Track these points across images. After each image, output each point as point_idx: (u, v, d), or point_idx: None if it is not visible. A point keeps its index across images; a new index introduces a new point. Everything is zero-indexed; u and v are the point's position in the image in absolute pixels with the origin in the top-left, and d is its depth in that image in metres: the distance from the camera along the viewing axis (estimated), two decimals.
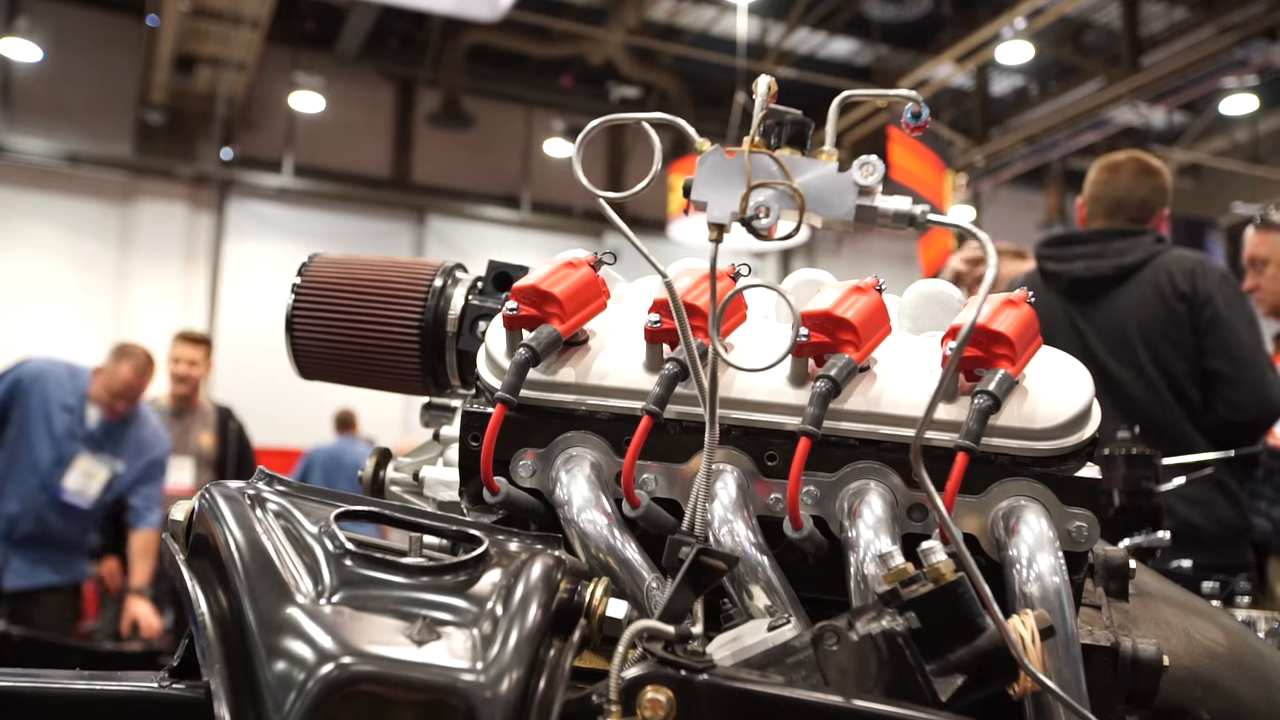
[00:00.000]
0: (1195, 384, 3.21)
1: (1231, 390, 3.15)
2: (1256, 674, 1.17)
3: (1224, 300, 3.19)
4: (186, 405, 5.89)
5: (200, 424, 5.85)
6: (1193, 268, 3.26)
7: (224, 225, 13.56)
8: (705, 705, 0.84)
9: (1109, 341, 3.25)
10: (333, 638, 0.78)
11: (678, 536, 0.97)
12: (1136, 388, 3.21)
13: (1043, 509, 1.07)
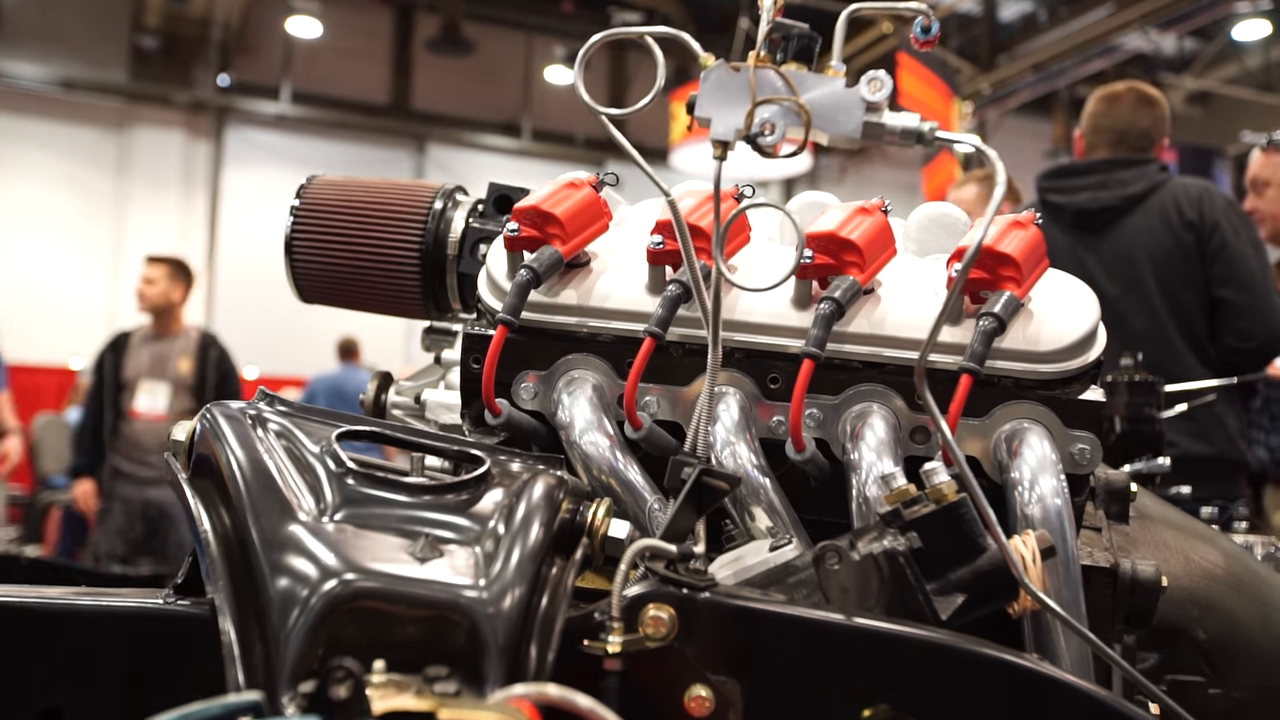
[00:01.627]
0: (1201, 314, 3.20)
1: (1240, 318, 3.15)
2: (1253, 595, 1.18)
3: (1231, 228, 3.18)
4: (162, 329, 5.88)
5: (179, 349, 5.84)
6: (1199, 195, 3.24)
7: (222, 153, 13.43)
8: (707, 623, 0.85)
9: (1114, 273, 3.24)
10: (335, 554, 0.79)
11: (680, 457, 0.97)
12: (1141, 319, 3.20)
13: (1045, 431, 1.06)
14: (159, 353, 5.84)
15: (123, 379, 5.73)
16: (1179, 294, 3.21)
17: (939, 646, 0.84)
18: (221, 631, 0.78)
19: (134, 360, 5.79)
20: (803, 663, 0.85)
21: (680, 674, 0.84)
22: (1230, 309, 3.16)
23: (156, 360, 5.79)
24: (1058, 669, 0.87)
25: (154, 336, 5.89)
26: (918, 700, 0.83)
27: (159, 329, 5.91)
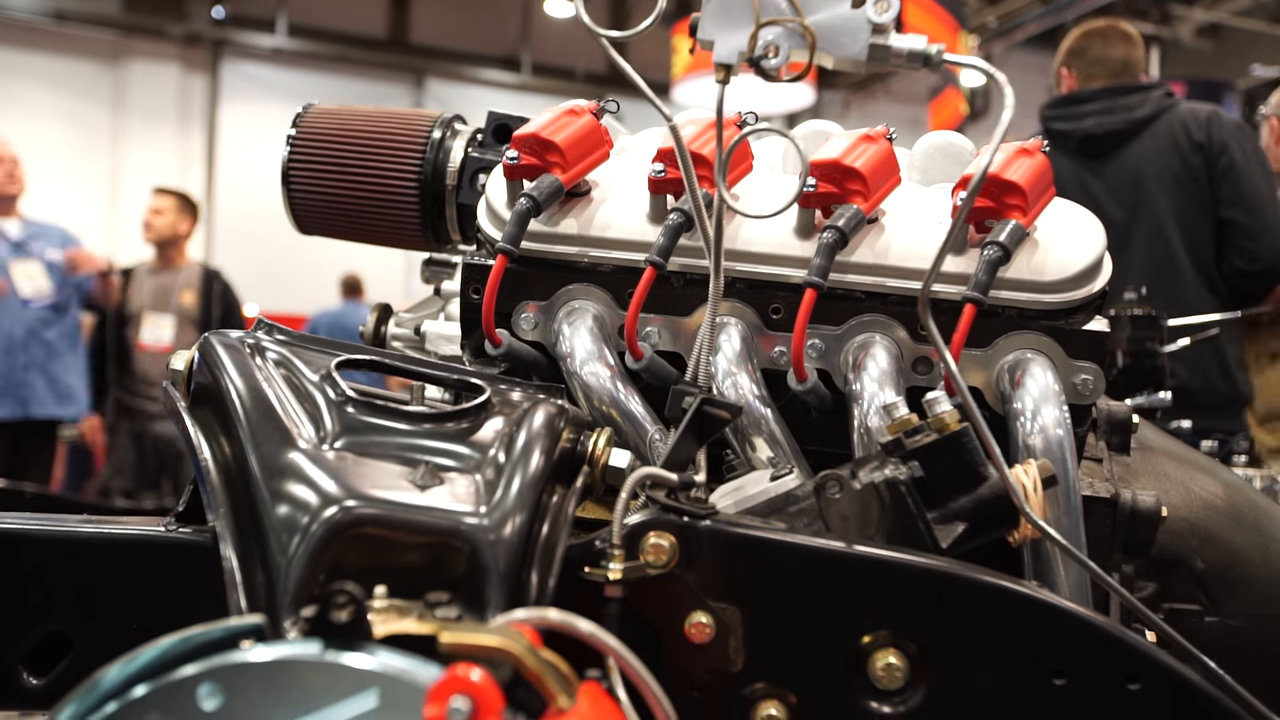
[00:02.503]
0: (1209, 237, 3.20)
1: (1247, 239, 3.15)
2: (1252, 526, 1.18)
3: (1240, 149, 3.17)
4: (166, 261, 5.89)
5: (183, 282, 5.85)
6: (1207, 118, 3.24)
7: (218, 87, 13.26)
8: (707, 551, 0.85)
9: (1121, 197, 3.24)
10: (335, 482, 0.78)
11: (681, 387, 0.97)
12: (1148, 244, 3.20)
13: (1049, 362, 1.06)
14: (163, 285, 5.84)
15: (127, 312, 5.75)
16: (1186, 217, 3.20)
17: (939, 574, 0.85)
18: (223, 558, 0.78)
19: (138, 293, 5.80)
20: (803, 590, 0.85)
21: (681, 601, 0.85)
22: (1237, 231, 3.15)
23: (160, 293, 5.80)
24: (1057, 596, 0.87)
25: (158, 269, 5.90)
26: (917, 627, 0.84)
27: (163, 261, 5.91)
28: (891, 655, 0.83)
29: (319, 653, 0.60)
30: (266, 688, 0.59)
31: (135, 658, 0.62)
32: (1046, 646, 0.83)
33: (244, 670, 0.60)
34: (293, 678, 0.60)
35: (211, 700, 0.59)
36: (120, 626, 0.75)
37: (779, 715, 0.84)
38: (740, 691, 0.85)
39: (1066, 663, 0.82)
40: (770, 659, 0.85)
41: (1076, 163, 3.31)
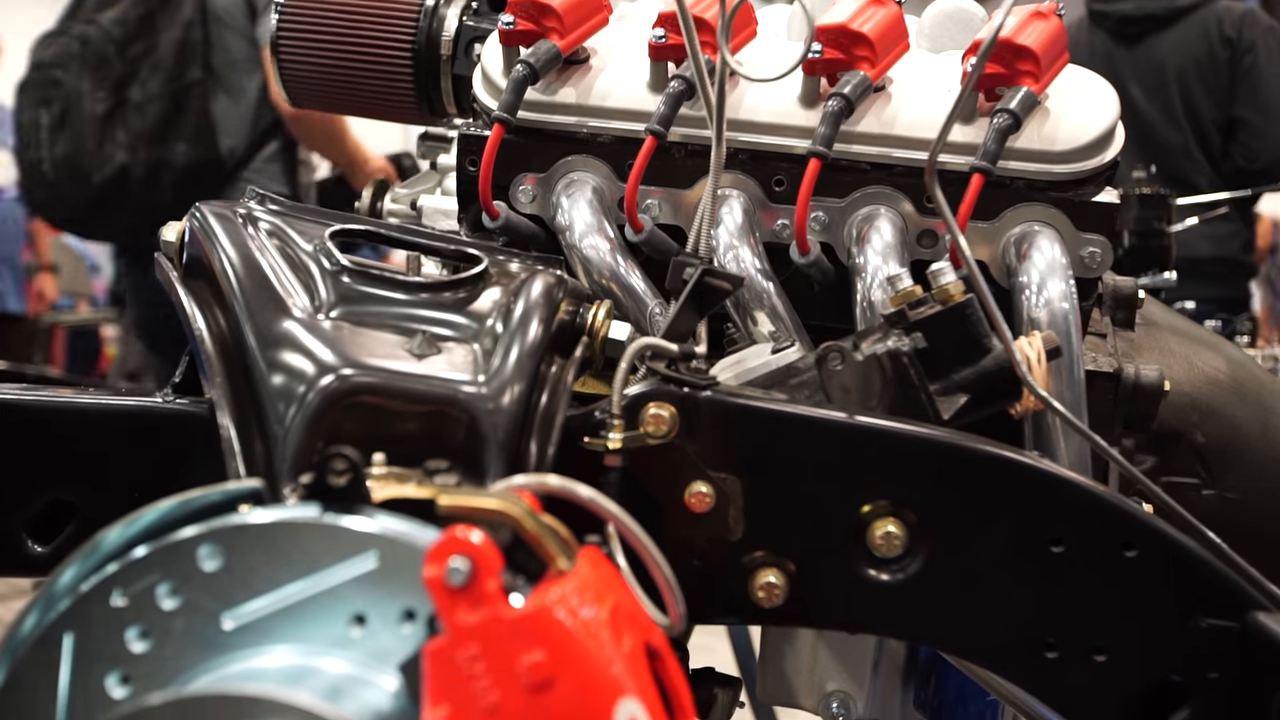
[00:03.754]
0: (1220, 131, 3.24)
1: (1252, 138, 3.26)
2: (1255, 401, 1.18)
3: (1266, 50, 3.24)
4: None
5: None
6: (1242, 15, 3.34)
7: None
8: (708, 421, 0.84)
9: (1145, 82, 3.28)
10: (331, 350, 0.77)
11: (682, 258, 0.95)
12: (1168, 130, 3.25)
13: (1056, 234, 1.04)
14: None
15: None
16: (1203, 109, 3.28)
17: (940, 444, 0.85)
18: (220, 427, 0.77)
19: None
20: (803, 460, 0.85)
21: (681, 471, 0.84)
22: (1244, 129, 3.25)
23: None
24: (1058, 466, 0.87)
25: None
26: (917, 496, 0.84)
27: None
28: (891, 524, 0.83)
29: (317, 516, 0.60)
30: (266, 549, 0.59)
31: (135, 520, 0.62)
32: (1045, 515, 0.83)
33: (243, 532, 0.60)
34: (292, 540, 0.60)
35: (211, 561, 0.59)
36: (120, 495, 0.76)
37: (778, 583, 0.85)
38: (739, 560, 0.85)
39: (1064, 531, 0.82)
40: (770, 528, 0.85)
41: (1110, 43, 3.34)
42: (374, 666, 0.59)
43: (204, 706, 0.54)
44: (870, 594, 0.85)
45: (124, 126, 3.32)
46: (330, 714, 0.54)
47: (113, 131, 3.31)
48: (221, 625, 0.59)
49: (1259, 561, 0.84)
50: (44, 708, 0.59)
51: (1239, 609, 0.80)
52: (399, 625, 0.59)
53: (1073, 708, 0.85)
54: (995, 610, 0.84)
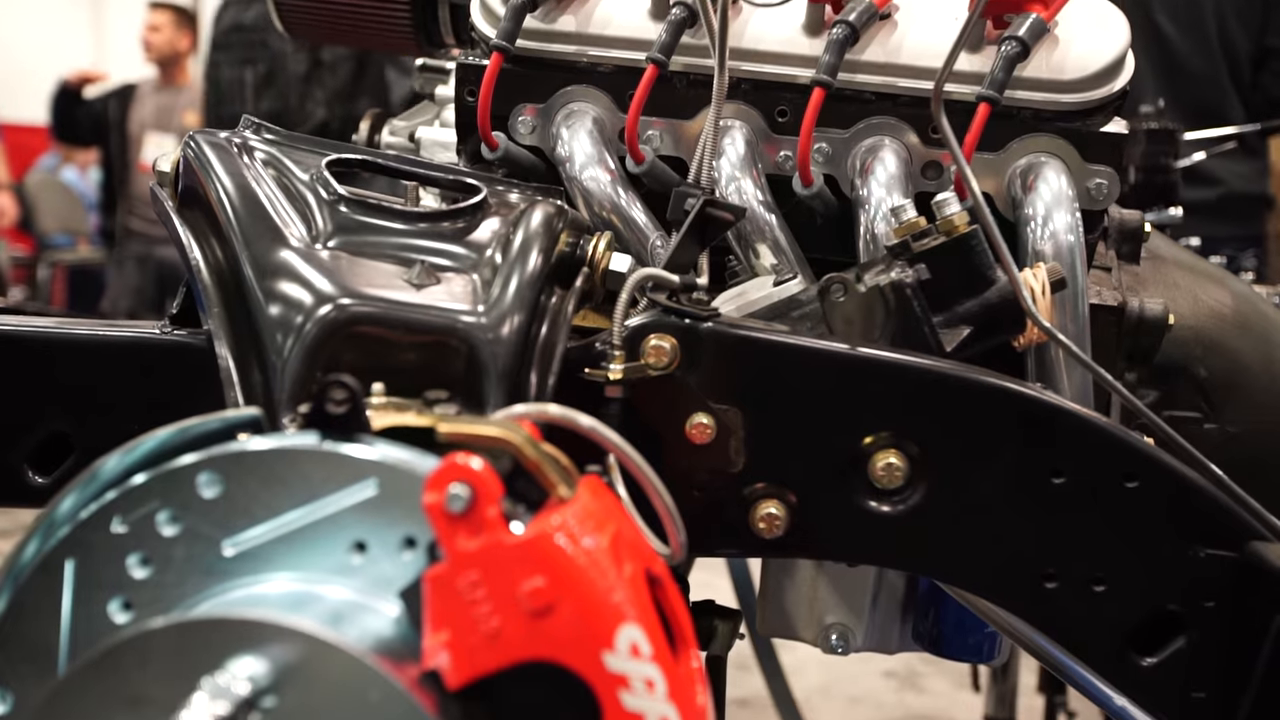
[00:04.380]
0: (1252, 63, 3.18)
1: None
2: (1260, 335, 1.17)
3: None
4: (168, 80, 5.78)
5: (185, 102, 5.74)
6: None
7: None
8: (709, 352, 0.84)
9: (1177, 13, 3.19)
10: (329, 280, 0.77)
11: (683, 188, 0.94)
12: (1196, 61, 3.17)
13: (1063, 166, 1.02)
14: (164, 105, 5.75)
15: (128, 133, 5.67)
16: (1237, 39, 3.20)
17: (942, 376, 0.84)
18: (219, 357, 0.77)
19: (139, 112, 5.71)
20: (804, 391, 0.85)
21: (681, 402, 0.84)
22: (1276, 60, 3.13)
23: (162, 112, 5.72)
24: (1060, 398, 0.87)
25: (160, 88, 5.79)
26: (919, 428, 0.84)
27: (165, 80, 5.80)
28: (892, 455, 0.83)
29: (316, 443, 0.60)
30: (265, 477, 0.59)
31: (134, 448, 0.62)
32: (1047, 447, 0.83)
33: (242, 459, 0.59)
34: (291, 467, 0.59)
35: (211, 489, 0.59)
36: (120, 427, 0.75)
37: (778, 514, 0.85)
38: (740, 491, 0.85)
39: (1065, 462, 0.82)
40: (771, 459, 0.85)
41: None
42: (375, 593, 0.59)
43: (206, 630, 0.54)
44: (871, 525, 0.85)
45: (320, 84, 3.59)
46: (332, 639, 0.54)
47: (312, 89, 3.59)
48: (222, 552, 0.59)
49: (1259, 495, 0.84)
50: (47, 633, 0.59)
51: (1238, 539, 0.80)
52: (399, 552, 0.59)
53: (1071, 637, 0.85)
54: (995, 541, 0.85)
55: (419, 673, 0.56)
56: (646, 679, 0.56)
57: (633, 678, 0.56)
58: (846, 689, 2.61)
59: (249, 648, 0.54)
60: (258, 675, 0.53)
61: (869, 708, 2.57)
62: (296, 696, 0.54)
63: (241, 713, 0.51)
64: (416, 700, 0.54)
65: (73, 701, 0.54)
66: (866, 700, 2.60)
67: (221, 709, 0.50)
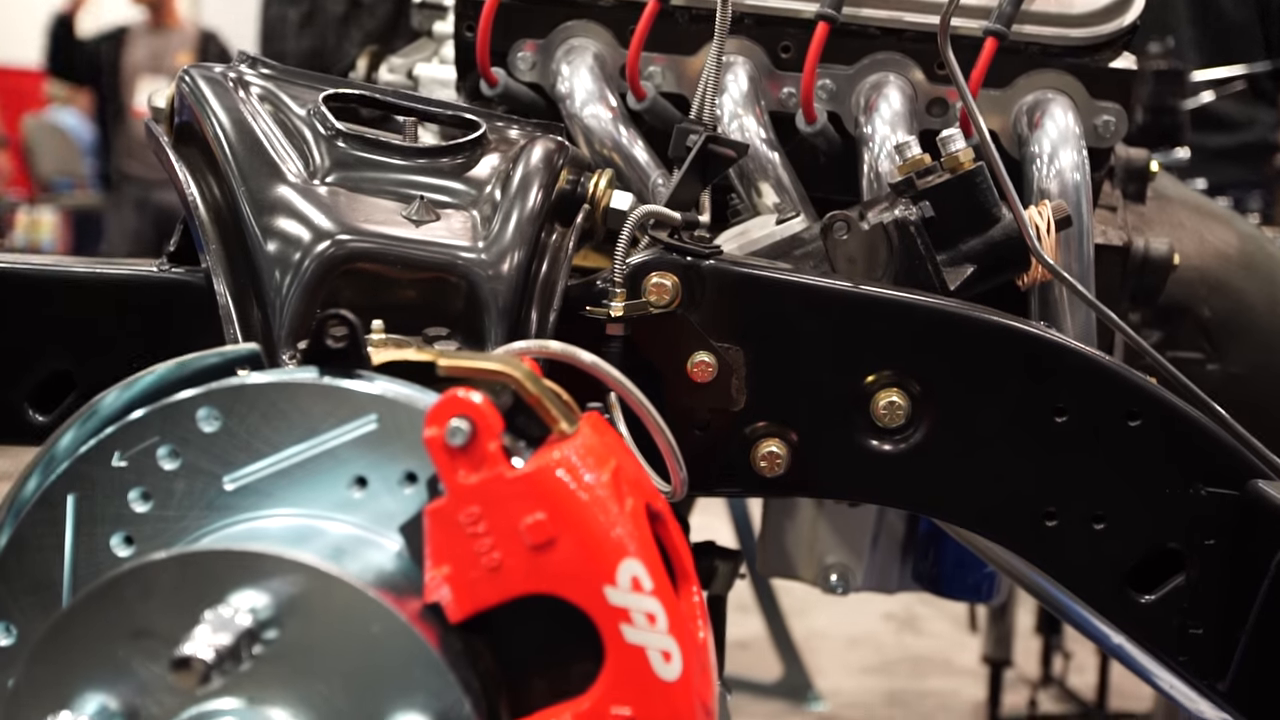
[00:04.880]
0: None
1: None
2: (1265, 276, 1.16)
3: None
4: (159, 21, 5.72)
5: (177, 44, 5.69)
6: None
7: None
8: (710, 290, 0.83)
9: None
10: (328, 216, 0.76)
11: (685, 125, 0.93)
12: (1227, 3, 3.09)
13: (1070, 102, 1.01)
14: (157, 47, 5.69)
15: (121, 76, 5.63)
16: None
17: (946, 314, 0.84)
18: (216, 294, 0.77)
19: (131, 56, 5.66)
20: (807, 330, 0.84)
21: (683, 340, 0.84)
22: None
23: (154, 55, 5.67)
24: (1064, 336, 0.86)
25: (151, 30, 5.74)
26: (921, 366, 0.83)
27: (155, 22, 5.75)
28: (894, 394, 0.83)
29: (316, 378, 0.59)
30: (265, 411, 0.59)
31: (133, 383, 0.61)
32: (1050, 385, 0.82)
33: (241, 394, 0.59)
34: (291, 402, 0.59)
35: (210, 424, 0.59)
36: (118, 365, 0.75)
37: (779, 453, 0.85)
38: (742, 430, 0.85)
39: (1068, 401, 0.82)
40: (772, 398, 0.85)
41: None
42: (376, 528, 0.59)
43: (208, 563, 0.54)
44: (872, 464, 0.85)
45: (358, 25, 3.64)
46: (334, 572, 0.54)
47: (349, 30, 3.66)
48: (223, 487, 0.59)
49: (1261, 436, 0.83)
50: (50, 567, 0.59)
51: (1240, 478, 0.80)
52: (400, 487, 0.59)
53: (1070, 575, 0.85)
54: (996, 480, 0.84)
55: (420, 606, 0.56)
56: (648, 613, 0.56)
57: (634, 612, 0.56)
58: (846, 631, 2.64)
59: (251, 581, 0.54)
60: (260, 608, 0.53)
61: (868, 649, 2.59)
62: (298, 629, 0.54)
63: (244, 644, 0.52)
64: (418, 632, 0.54)
65: (76, 633, 0.55)
66: (865, 642, 2.62)
67: (224, 640, 0.50)
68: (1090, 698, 2.22)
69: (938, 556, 1.26)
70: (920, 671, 2.51)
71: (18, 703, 0.55)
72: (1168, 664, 0.85)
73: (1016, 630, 2.18)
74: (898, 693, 2.39)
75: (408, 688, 0.54)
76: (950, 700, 2.33)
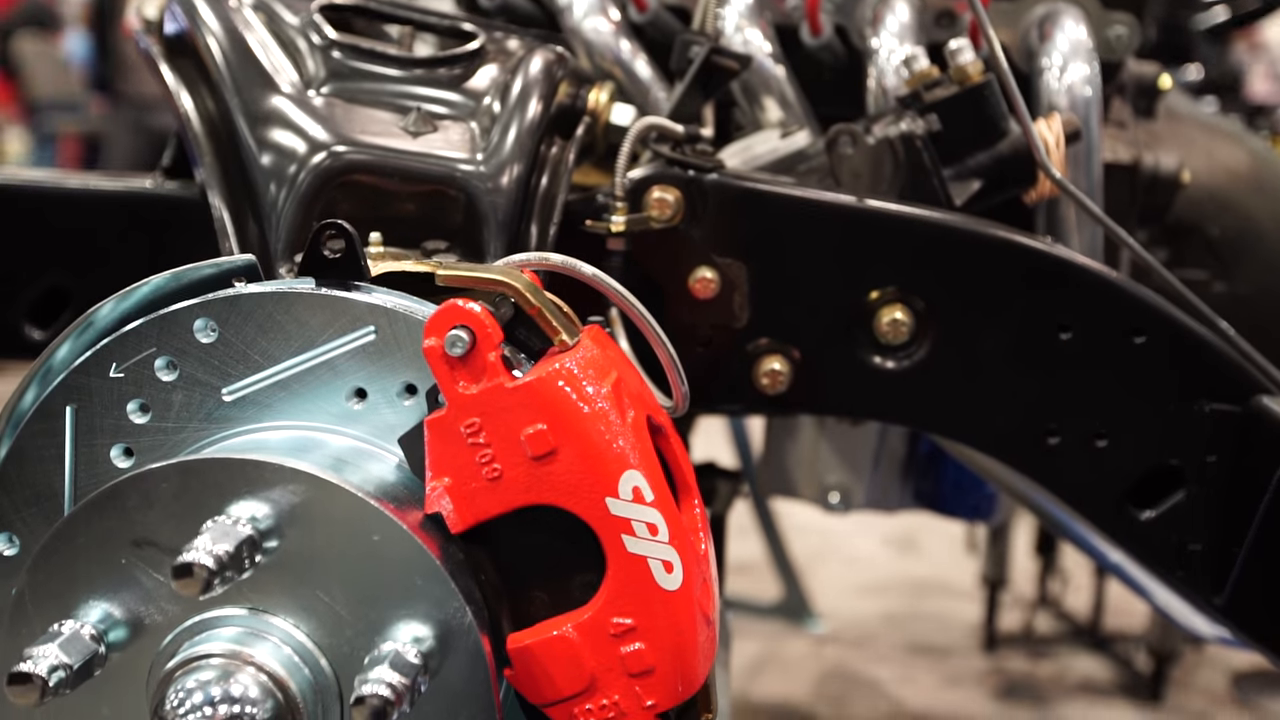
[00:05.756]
0: None
1: None
2: (1274, 195, 1.15)
3: None
4: None
5: None
6: None
7: None
8: (713, 205, 0.82)
9: None
10: (323, 127, 0.75)
11: (687, 36, 0.91)
12: None
13: (1082, 14, 0.99)
14: None
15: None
16: None
17: (951, 229, 0.83)
18: (212, 207, 0.75)
19: None
20: (810, 245, 0.83)
21: (685, 256, 0.83)
22: None
23: None
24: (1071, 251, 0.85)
25: None
26: (925, 283, 0.82)
27: None
28: (898, 310, 0.82)
29: (313, 288, 0.59)
30: (262, 323, 0.58)
31: (128, 294, 0.61)
32: (1055, 301, 0.82)
33: (237, 305, 0.58)
34: (288, 313, 0.58)
35: (207, 335, 0.58)
36: (114, 281, 0.74)
37: (782, 370, 0.84)
38: (743, 347, 0.85)
39: (1073, 317, 0.81)
40: (775, 314, 0.84)
41: None
42: (376, 440, 0.59)
43: (209, 472, 0.54)
44: (875, 381, 0.85)
45: None
46: (335, 481, 0.54)
47: None
48: (221, 398, 0.59)
49: (1265, 355, 0.83)
50: (51, 477, 0.59)
51: (1243, 393, 0.79)
52: (400, 399, 0.59)
53: (1071, 492, 0.86)
54: (999, 397, 0.84)
55: (421, 517, 0.56)
56: (649, 524, 0.56)
57: (635, 522, 0.56)
58: (844, 555, 2.66)
59: (251, 490, 0.54)
60: (261, 517, 0.53)
61: (867, 572, 2.62)
62: (300, 539, 0.54)
63: (245, 553, 0.52)
64: (420, 542, 0.54)
65: (77, 542, 0.55)
66: (864, 566, 2.65)
67: (225, 548, 0.50)
68: (1085, 618, 2.25)
69: (938, 476, 1.26)
70: (918, 594, 2.53)
71: (22, 611, 0.55)
72: (1166, 579, 0.85)
73: (1014, 552, 2.20)
74: (895, 614, 2.42)
75: (409, 597, 0.54)
76: (947, 621, 2.36)
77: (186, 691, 0.51)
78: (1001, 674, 2.15)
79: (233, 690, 0.51)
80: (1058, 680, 2.14)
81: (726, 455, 1.89)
